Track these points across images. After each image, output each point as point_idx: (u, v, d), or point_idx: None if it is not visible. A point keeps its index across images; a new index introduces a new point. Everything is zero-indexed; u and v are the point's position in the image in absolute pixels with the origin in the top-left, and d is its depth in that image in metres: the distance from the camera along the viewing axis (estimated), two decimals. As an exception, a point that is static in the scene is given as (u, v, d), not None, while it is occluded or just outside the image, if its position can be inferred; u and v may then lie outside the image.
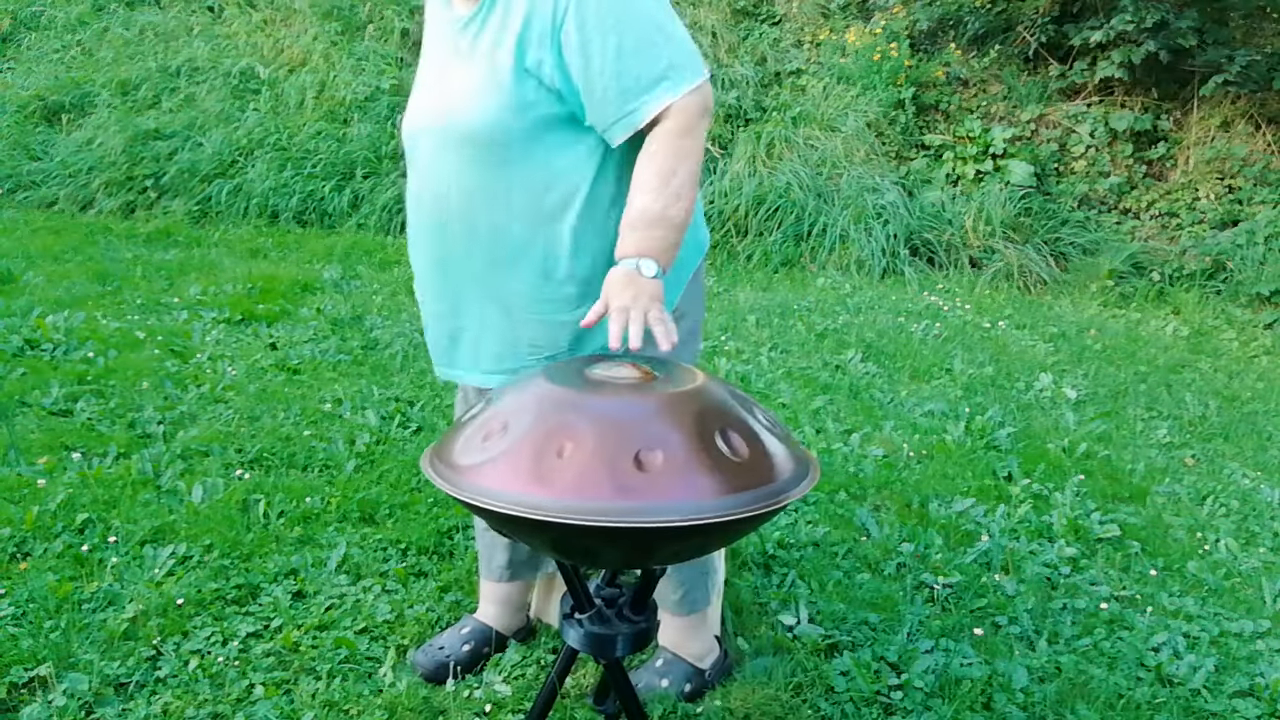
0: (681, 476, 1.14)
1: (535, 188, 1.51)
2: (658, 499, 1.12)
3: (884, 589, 2.33)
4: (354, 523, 2.51)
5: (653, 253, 1.46)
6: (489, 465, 1.19)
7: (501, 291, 1.58)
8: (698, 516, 1.13)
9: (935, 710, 1.90)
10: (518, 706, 1.84)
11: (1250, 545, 2.82)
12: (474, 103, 1.49)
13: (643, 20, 1.44)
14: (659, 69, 1.44)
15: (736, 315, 4.79)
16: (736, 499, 1.15)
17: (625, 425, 1.19)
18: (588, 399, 1.25)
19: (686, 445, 1.17)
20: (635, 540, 1.16)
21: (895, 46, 6.72)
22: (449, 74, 1.55)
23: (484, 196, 1.52)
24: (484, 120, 1.48)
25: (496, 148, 1.49)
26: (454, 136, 1.51)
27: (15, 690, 1.81)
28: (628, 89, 1.44)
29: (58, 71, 7.40)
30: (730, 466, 1.18)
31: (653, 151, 1.47)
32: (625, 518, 1.11)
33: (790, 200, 5.95)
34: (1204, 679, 2.08)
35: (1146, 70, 6.54)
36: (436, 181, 1.57)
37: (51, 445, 2.84)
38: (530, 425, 1.21)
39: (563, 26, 1.43)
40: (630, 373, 1.33)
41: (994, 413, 3.61)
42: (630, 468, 1.14)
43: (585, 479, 1.13)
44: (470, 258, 1.58)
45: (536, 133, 1.49)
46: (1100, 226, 6.32)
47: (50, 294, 4.44)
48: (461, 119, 1.50)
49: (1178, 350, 4.96)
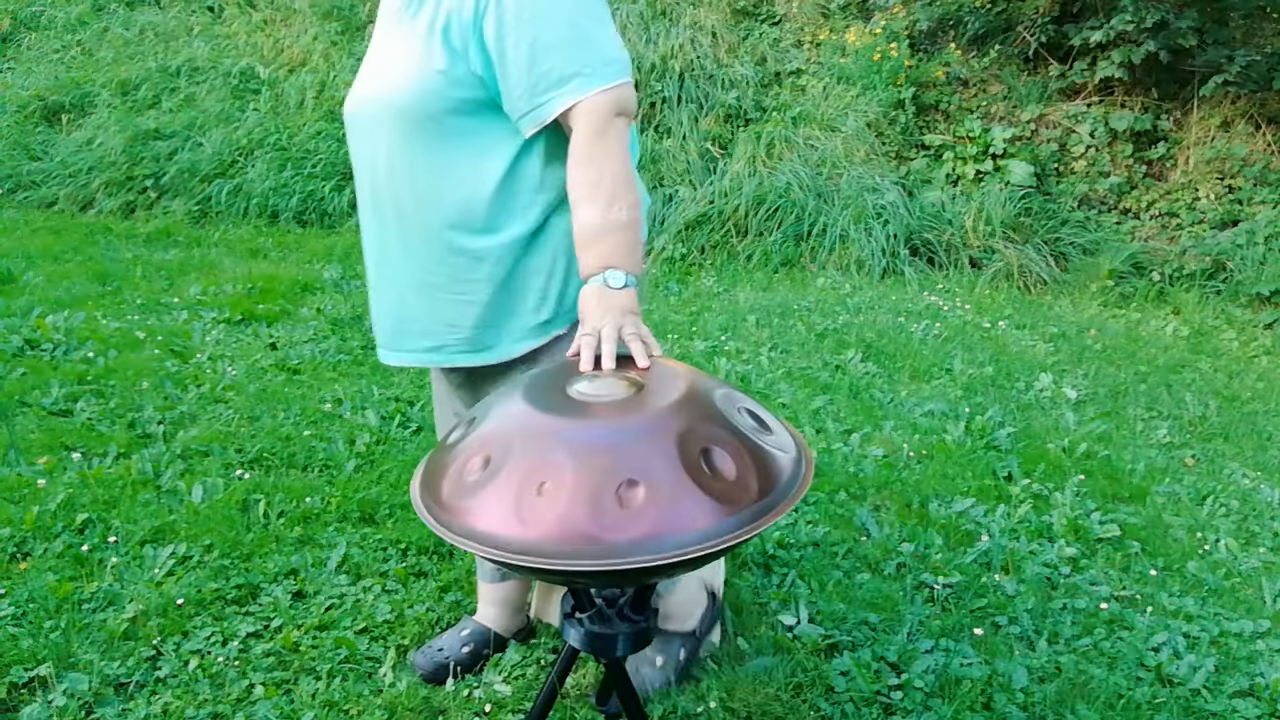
0: (666, 508, 1.11)
1: (457, 165, 1.53)
2: (641, 535, 1.09)
3: (884, 589, 2.33)
4: (354, 523, 2.51)
5: (613, 261, 1.45)
6: (473, 504, 1.17)
7: (422, 268, 1.60)
8: (680, 553, 1.10)
9: (935, 710, 1.90)
10: (518, 706, 1.84)
11: (1250, 545, 2.82)
12: (407, 77, 1.51)
13: (560, 20, 1.46)
14: (571, 68, 1.45)
15: (736, 315, 4.79)
16: (723, 525, 1.12)
17: (606, 457, 1.16)
18: (567, 427, 1.21)
19: (669, 473, 1.14)
20: (619, 577, 1.15)
21: (895, 46, 6.72)
22: (389, 51, 1.58)
23: (406, 171, 1.54)
24: (413, 94, 1.50)
25: (426, 122, 1.51)
26: (386, 110, 1.54)
27: (15, 690, 1.81)
28: (537, 84, 1.46)
29: (58, 71, 7.40)
30: (716, 490, 1.15)
31: (575, 161, 1.48)
32: (606, 560, 1.09)
33: (790, 200, 5.95)
34: (1204, 679, 2.08)
35: (1146, 70, 6.54)
36: (370, 156, 1.59)
37: (51, 445, 2.84)
38: (510, 460, 1.18)
39: (484, 16, 1.47)
40: (614, 388, 1.29)
41: (994, 413, 3.61)
42: (612, 505, 1.11)
43: (566, 519, 1.10)
44: (397, 233, 1.60)
45: (463, 112, 1.51)
46: (1100, 226, 6.32)
47: (50, 294, 4.44)
48: (394, 93, 1.52)
49: (1178, 350, 4.96)
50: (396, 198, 1.57)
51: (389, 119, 1.53)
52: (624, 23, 6.85)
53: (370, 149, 1.59)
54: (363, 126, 1.60)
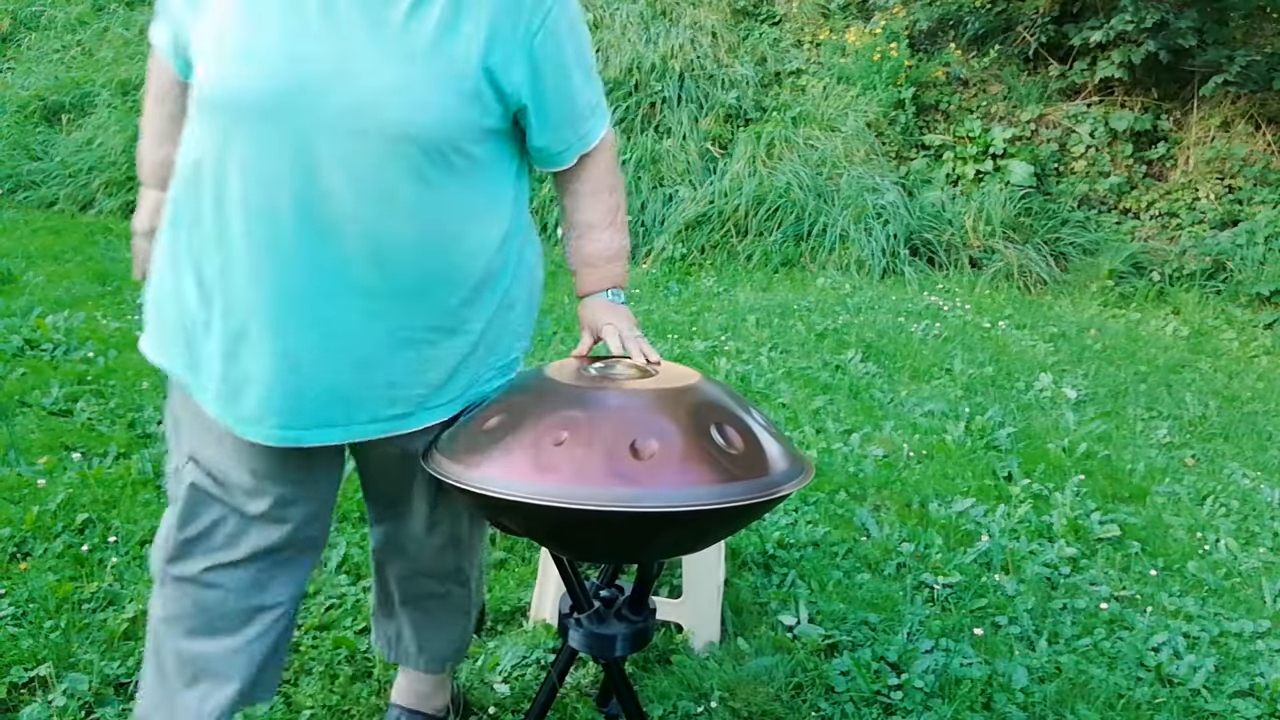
0: (678, 465, 1.15)
1: (472, 202, 1.31)
2: (654, 486, 1.13)
3: (884, 589, 2.33)
4: (354, 523, 2.50)
5: (618, 282, 1.50)
6: (487, 455, 1.20)
7: (405, 323, 1.29)
8: (694, 503, 1.13)
9: (935, 710, 1.90)
10: (517, 706, 1.84)
11: (1250, 545, 2.82)
12: (424, 97, 1.21)
13: (587, 39, 1.40)
14: (598, 94, 1.42)
15: (736, 315, 4.79)
16: (732, 488, 1.16)
17: (622, 416, 1.21)
18: (585, 392, 1.26)
19: (682, 436, 1.18)
20: (632, 527, 1.17)
21: (895, 46, 6.72)
22: (353, 43, 1.20)
23: (404, 206, 1.23)
24: (440, 119, 1.23)
25: (447, 154, 1.25)
26: (383, 131, 1.20)
27: (15, 690, 1.81)
28: (582, 111, 1.39)
29: (58, 71, 7.40)
30: (726, 458, 1.19)
31: (598, 188, 1.45)
32: (622, 504, 1.12)
33: (790, 200, 5.95)
34: (1204, 679, 2.08)
35: (1146, 70, 6.54)
36: (322, 174, 1.20)
37: (51, 445, 2.84)
38: (528, 416, 1.22)
39: (540, 30, 1.28)
40: (627, 370, 1.35)
41: (994, 413, 3.61)
42: (627, 456, 1.14)
43: (582, 467, 1.14)
44: (366, 279, 1.24)
45: (485, 143, 1.30)
46: (1100, 226, 6.32)
47: (50, 294, 4.44)
48: (400, 112, 1.20)
49: (1178, 350, 4.96)
50: (376, 238, 1.23)
51: (388, 143, 1.20)
52: (624, 23, 6.85)
53: (322, 168, 1.19)
54: (300, 130, 1.19)
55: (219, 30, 1.23)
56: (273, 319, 1.24)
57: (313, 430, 1.30)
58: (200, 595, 1.40)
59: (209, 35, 1.24)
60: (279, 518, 1.40)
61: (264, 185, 1.21)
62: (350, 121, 1.19)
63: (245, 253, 1.23)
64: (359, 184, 1.21)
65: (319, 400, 1.29)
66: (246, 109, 1.20)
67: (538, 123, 1.34)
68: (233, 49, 1.22)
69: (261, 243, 1.22)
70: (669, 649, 2.04)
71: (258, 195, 1.21)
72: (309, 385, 1.27)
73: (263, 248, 1.22)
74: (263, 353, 1.25)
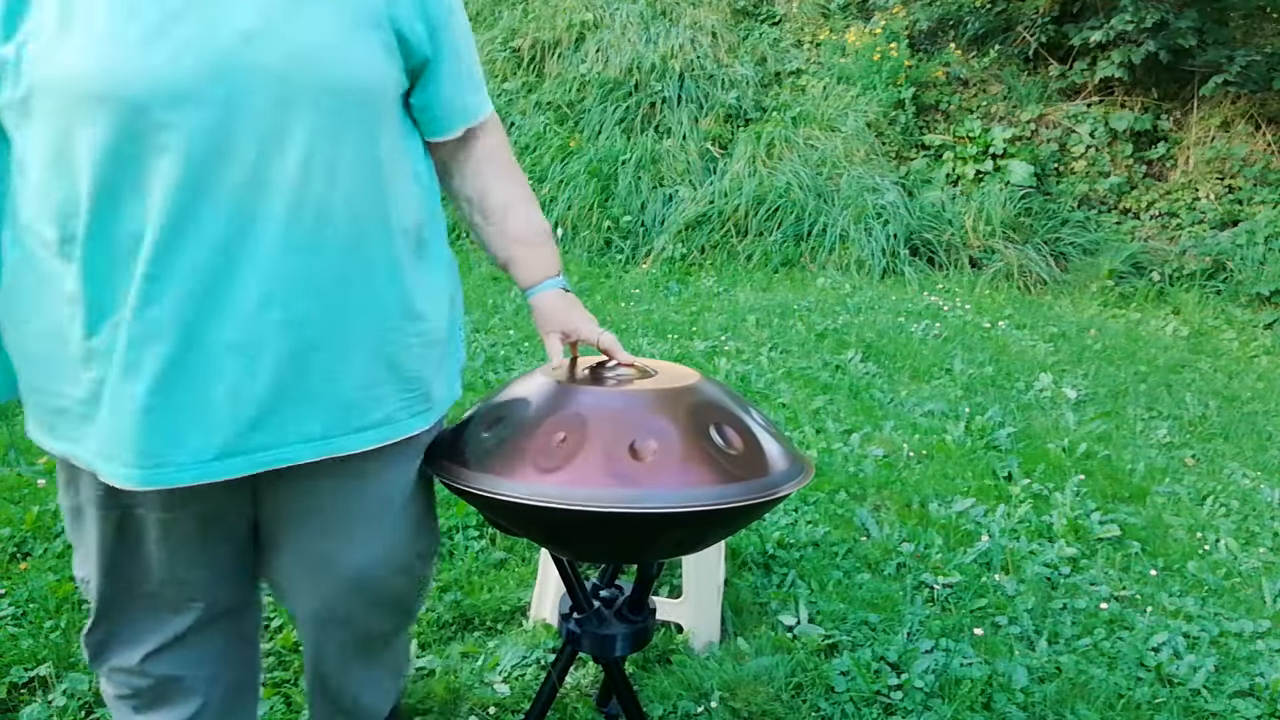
0: (677, 465, 1.15)
1: (404, 168, 1.18)
2: (653, 487, 1.13)
3: (884, 589, 2.33)
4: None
5: (559, 268, 1.36)
6: (487, 457, 1.20)
7: (378, 318, 1.15)
8: (694, 504, 1.13)
9: (935, 710, 1.90)
10: (517, 706, 1.84)
11: (1250, 545, 2.82)
12: (342, 39, 1.06)
13: (469, 27, 1.31)
14: (482, 75, 1.32)
15: (736, 315, 4.79)
16: (732, 488, 1.16)
17: (621, 415, 1.21)
18: (584, 392, 1.26)
19: (682, 436, 1.18)
20: (631, 528, 1.17)
21: (895, 46, 6.72)
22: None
23: (355, 178, 1.09)
24: (364, 66, 1.08)
25: (374, 107, 1.11)
26: (308, 84, 1.04)
27: (15, 690, 1.81)
28: (477, 80, 1.27)
29: None
30: (726, 458, 1.19)
31: (503, 168, 1.33)
32: (621, 504, 1.12)
33: (790, 200, 5.96)
34: (1204, 679, 2.08)
35: (1146, 70, 6.54)
36: (248, 145, 1.02)
37: (51, 445, 2.84)
38: (526, 416, 1.22)
39: None
40: (626, 371, 1.34)
41: (994, 413, 3.61)
42: (626, 456, 1.14)
43: (582, 467, 1.14)
44: (339, 265, 1.10)
45: (400, 97, 1.17)
46: (1100, 226, 6.33)
47: (50, 294, 4.44)
48: (325, 61, 1.05)
49: (1178, 350, 4.96)
50: (332, 214, 1.07)
51: (315, 98, 1.04)
52: (624, 23, 6.85)
53: (251, 138, 1.02)
54: (224, 98, 1.00)
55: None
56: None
57: (270, 452, 1.13)
58: (140, 682, 1.31)
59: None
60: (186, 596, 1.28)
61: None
62: (296, 83, 1.06)
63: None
64: (310, 153, 1.08)
65: (262, 409, 1.12)
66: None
67: (433, 80, 1.20)
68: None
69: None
70: (669, 649, 2.04)
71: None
72: (236, 398, 1.10)
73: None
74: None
